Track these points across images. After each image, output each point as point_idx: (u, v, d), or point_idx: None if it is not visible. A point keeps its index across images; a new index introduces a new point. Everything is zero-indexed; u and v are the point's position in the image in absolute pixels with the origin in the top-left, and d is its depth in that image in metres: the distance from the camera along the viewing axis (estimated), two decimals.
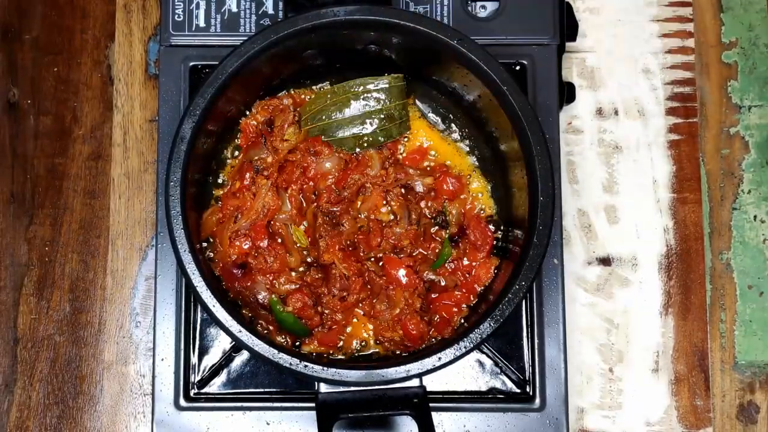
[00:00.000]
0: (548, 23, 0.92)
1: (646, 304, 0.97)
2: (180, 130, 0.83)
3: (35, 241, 0.97)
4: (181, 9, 0.93)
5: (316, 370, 0.80)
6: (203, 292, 0.81)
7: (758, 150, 1.00)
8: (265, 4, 0.93)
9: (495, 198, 0.92)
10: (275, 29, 0.84)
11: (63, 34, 1.00)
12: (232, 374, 0.91)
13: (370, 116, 0.91)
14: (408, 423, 0.88)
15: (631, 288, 0.97)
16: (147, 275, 0.96)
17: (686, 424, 0.95)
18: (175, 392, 0.88)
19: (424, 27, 0.84)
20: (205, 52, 0.92)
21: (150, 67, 1.00)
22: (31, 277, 0.97)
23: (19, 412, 0.95)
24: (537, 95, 0.91)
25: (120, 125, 0.99)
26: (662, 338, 0.96)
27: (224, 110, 0.88)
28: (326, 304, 0.88)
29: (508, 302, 0.81)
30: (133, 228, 0.97)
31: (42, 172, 0.98)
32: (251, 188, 0.89)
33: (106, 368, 0.95)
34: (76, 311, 0.96)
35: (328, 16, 0.84)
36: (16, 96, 0.99)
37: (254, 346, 0.80)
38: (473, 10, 0.94)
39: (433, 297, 0.89)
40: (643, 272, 0.97)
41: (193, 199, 0.86)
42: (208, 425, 0.88)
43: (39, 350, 0.96)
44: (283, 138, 0.90)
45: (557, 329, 0.89)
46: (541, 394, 0.88)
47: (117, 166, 0.98)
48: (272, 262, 0.88)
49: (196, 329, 0.90)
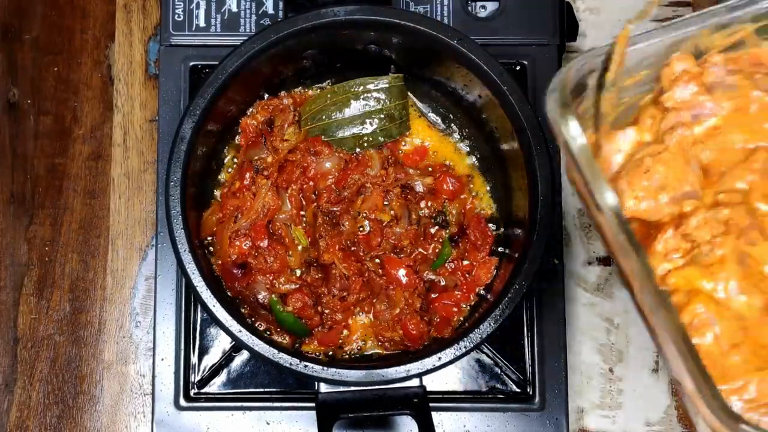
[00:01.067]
0: (548, 23, 0.92)
1: None
2: (180, 130, 0.83)
3: (35, 241, 0.97)
4: (181, 9, 0.93)
5: (316, 370, 0.80)
6: (203, 292, 0.81)
7: None
8: (265, 4, 0.93)
9: (495, 198, 0.92)
10: (275, 29, 0.84)
11: (63, 34, 1.00)
12: (232, 374, 0.91)
13: (370, 116, 0.91)
14: (408, 423, 0.88)
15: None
16: (147, 275, 0.96)
17: (686, 424, 0.95)
18: (175, 392, 0.88)
19: (424, 27, 0.84)
20: (205, 52, 0.92)
21: (150, 67, 1.00)
22: (31, 277, 0.97)
23: (19, 411, 0.95)
24: (537, 95, 0.91)
25: (120, 125, 0.99)
26: None
27: (224, 110, 0.88)
28: (326, 304, 0.88)
29: (508, 302, 0.81)
30: (133, 228, 0.97)
31: (42, 172, 0.98)
32: (251, 188, 0.89)
33: (106, 368, 0.95)
34: (76, 311, 0.96)
35: (328, 16, 0.84)
36: (16, 96, 0.99)
37: (254, 346, 0.80)
38: (473, 10, 0.94)
39: (433, 297, 0.89)
40: None
41: (193, 199, 0.86)
42: (208, 425, 0.88)
43: (39, 350, 0.96)
44: (283, 138, 0.90)
45: (557, 329, 0.89)
46: (541, 394, 0.88)
47: (117, 166, 0.98)
48: (272, 262, 0.88)
49: (196, 329, 0.90)
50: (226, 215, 0.89)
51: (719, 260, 0.49)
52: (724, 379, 0.46)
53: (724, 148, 0.53)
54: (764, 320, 0.48)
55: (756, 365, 0.46)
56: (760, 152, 0.52)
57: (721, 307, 0.47)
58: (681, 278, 0.49)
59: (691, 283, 0.48)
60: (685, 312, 0.47)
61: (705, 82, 0.55)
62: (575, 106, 0.52)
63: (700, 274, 0.48)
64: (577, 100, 0.54)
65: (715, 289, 0.48)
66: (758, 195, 0.52)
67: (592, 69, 0.53)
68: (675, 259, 0.50)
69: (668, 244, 0.51)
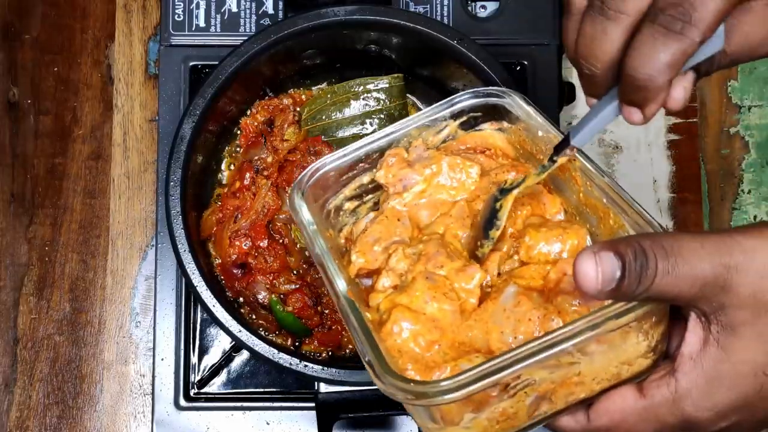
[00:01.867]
0: (548, 23, 0.92)
1: None
2: (180, 130, 0.83)
3: (35, 241, 0.97)
4: (181, 9, 0.93)
5: (316, 370, 0.80)
6: (203, 292, 0.81)
7: (758, 150, 1.01)
8: (265, 4, 0.93)
9: None
10: (275, 29, 0.84)
11: (63, 33, 1.00)
12: (232, 374, 0.91)
13: (370, 116, 0.91)
14: (408, 423, 0.88)
15: None
16: (147, 275, 0.96)
17: None
18: (175, 392, 0.88)
19: (424, 27, 0.84)
20: (205, 52, 0.92)
21: (150, 67, 1.00)
22: (31, 277, 0.97)
23: (19, 412, 0.95)
24: (537, 95, 0.91)
25: (120, 125, 0.99)
26: None
27: (224, 110, 0.88)
28: (326, 304, 0.88)
29: None
30: (133, 228, 0.97)
31: (42, 172, 0.98)
32: (251, 188, 0.89)
33: (106, 368, 0.95)
34: (76, 311, 0.96)
35: (328, 16, 0.84)
36: (16, 96, 0.99)
37: (254, 346, 0.80)
38: (473, 10, 0.94)
39: None
40: None
41: (193, 199, 0.86)
42: (208, 425, 0.88)
43: (39, 350, 0.96)
44: (283, 138, 0.90)
45: None
46: None
47: (117, 166, 0.98)
48: (272, 262, 0.88)
49: (196, 329, 0.90)
50: (226, 215, 0.89)
51: (411, 280, 0.63)
52: (429, 370, 0.58)
53: (435, 205, 0.69)
54: (457, 322, 0.61)
55: (453, 356, 0.59)
56: (458, 203, 0.68)
57: (417, 313, 0.61)
58: (386, 301, 0.62)
59: (393, 302, 0.62)
60: (388, 322, 0.60)
61: (409, 160, 0.70)
62: (312, 199, 0.69)
63: (399, 295, 0.62)
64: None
65: (410, 301, 0.61)
66: (450, 235, 0.67)
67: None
68: (387, 290, 0.64)
69: (383, 282, 0.65)
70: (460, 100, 0.71)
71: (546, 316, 0.59)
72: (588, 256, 0.51)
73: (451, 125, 0.72)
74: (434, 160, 0.70)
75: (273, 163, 0.89)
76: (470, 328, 0.61)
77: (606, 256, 0.51)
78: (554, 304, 0.59)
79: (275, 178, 0.89)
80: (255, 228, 0.88)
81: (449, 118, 0.72)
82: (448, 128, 0.72)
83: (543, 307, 0.59)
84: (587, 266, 0.51)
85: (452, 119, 0.72)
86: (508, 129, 0.72)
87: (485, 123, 0.72)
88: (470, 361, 0.57)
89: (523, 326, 0.59)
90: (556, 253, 0.63)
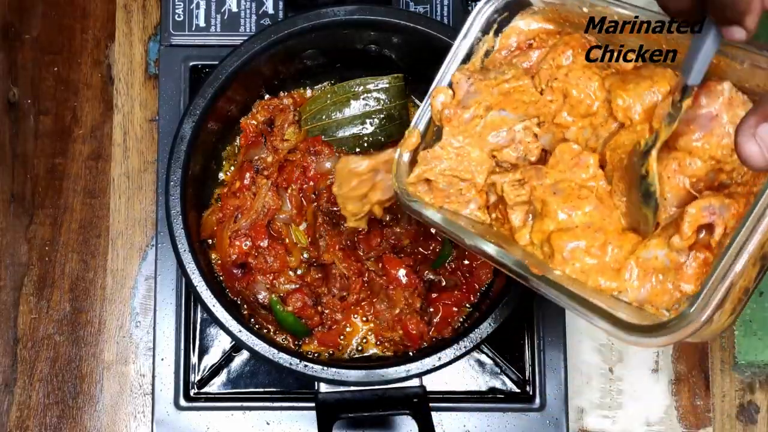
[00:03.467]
0: None
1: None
2: (180, 130, 0.83)
3: (35, 240, 0.97)
4: (181, 9, 0.93)
5: (316, 370, 0.80)
6: (203, 292, 0.81)
7: None
8: (265, 4, 0.93)
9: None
10: (275, 29, 0.84)
11: (63, 33, 1.00)
12: (232, 374, 0.91)
13: (370, 116, 0.91)
14: (408, 423, 0.88)
15: None
16: (147, 275, 0.96)
17: (686, 424, 0.95)
18: (175, 392, 0.88)
19: (424, 27, 0.84)
20: (205, 52, 0.92)
21: (150, 67, 1.00)
22: (31, 276, 0.97)
23: (19, 411, 0.95)
24: None
25: (120, 125, 0.99)
26: None
27: (224, 110, 0.88)
28: (326, 304, 0.88)
29: (508, 302, 0.81)
30: (133, 228, 0.97)
31: (42, 172, 0.98)
32: (251, 188, 0.89)
33: (106, 368, 0.95)
34: (76, 311, 0.96)
35: (328, 16, 0.84)
36: (16, 96, 0.99)
37: (254, 346, 0.80)
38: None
39: (433, 297, 0.89)
40: None
41: (193, 199, 0.86)
42: (208, 425, 0.88)
43: (39, 350, 0.96)
44: (283, 138, 0.90)
45: (557, 329, 0.89)
46: (541, 394, 0.88)
47: (117, 166, 0.98)
48: (272, 262, 0.88)
49: (196, 329, 0.90)
50: (226, 215, 0.89)
51: (543, 203, 0.62)
52: (617, 273, 0.59)
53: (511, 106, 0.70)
54: (606, 212, 0.61)
55: (627, 248, 0.59)
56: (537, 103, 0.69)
57: (571, 230, 0.60)
58: (536, 233, 0.62)
59: (543, 232, 0.61)
60: (555, 252, 0.60)
61: (458, 99, 0.72)
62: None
63: (542, 222, 0.61)
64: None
65: (557, 223, 0.61)
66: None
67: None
68: (526, 222, 0.64)
69: (515, 218, 0.65)
70: (483, 12, 0.71)
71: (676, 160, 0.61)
72: (747, 138, 0.53)
73: (488, 39, 0.71)
74: (481, 95, 0.70)
75: (273, 162, 0.89)
76: (617, 207, 0.61)
77: (764, 130, 0.53)
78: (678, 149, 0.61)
79: (275, 177, 0.89)
80: (255, 228, 0.88)
81: (480, 33, 0.71)
82: (486, 44, 0.71)
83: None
84: (750, 148, 0.53)
85: (483, 33, 0.71)
86: (541, 10, 0.70)
87: (515, 18, 0.71)
88: (646, 247, 0.58)
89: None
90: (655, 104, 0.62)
